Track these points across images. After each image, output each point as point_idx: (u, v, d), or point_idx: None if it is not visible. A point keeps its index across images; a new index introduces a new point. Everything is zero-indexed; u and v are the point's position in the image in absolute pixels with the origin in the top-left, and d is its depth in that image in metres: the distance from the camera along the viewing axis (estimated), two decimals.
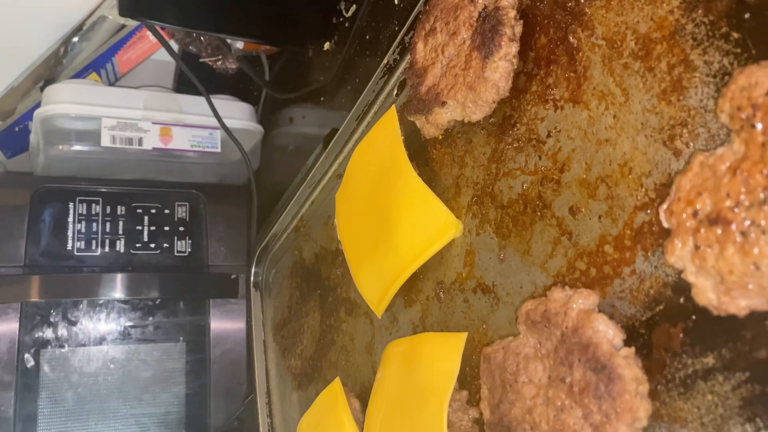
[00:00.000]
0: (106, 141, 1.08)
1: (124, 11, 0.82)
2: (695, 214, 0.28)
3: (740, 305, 0.27)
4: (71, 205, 1.07)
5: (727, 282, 0.27)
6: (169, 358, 1.09)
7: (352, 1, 0.84)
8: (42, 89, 1.10)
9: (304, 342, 0.72)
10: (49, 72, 1.21)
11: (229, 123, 1.13)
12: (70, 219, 1.06)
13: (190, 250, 1.13)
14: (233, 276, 1.04)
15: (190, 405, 1.07)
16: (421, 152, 0.54)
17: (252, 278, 0.86)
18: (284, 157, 1.23)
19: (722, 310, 0.28)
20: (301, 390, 0.71)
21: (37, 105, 1.06)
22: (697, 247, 0.28)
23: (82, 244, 1.06)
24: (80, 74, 1.18)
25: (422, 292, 0.52)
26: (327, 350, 0.67)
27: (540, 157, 0.42)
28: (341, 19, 0.87)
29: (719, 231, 0.27)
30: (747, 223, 0.26)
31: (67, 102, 1.05)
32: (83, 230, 1.07)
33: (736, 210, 0.26)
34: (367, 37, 0.77)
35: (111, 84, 1.21)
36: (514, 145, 0.44)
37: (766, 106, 0.26)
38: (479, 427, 0.43)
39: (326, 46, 0.92)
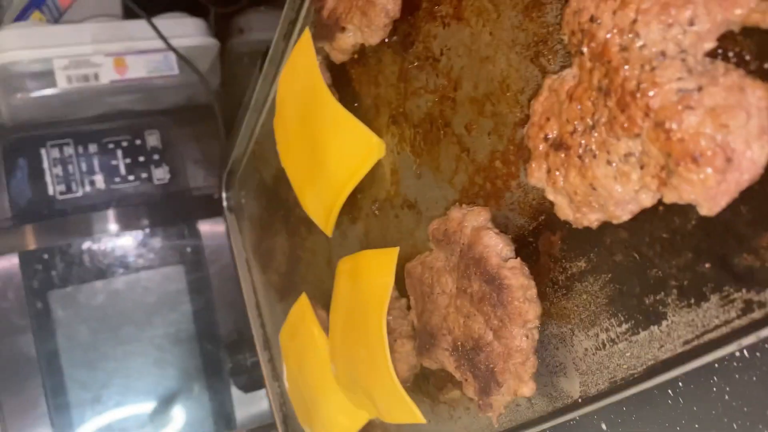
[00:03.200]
0: (62, 82, 1.07)
1: None
2: (546, 138, 0.30)
3: (591, 219, 0.29)
4: (43, 151, 1.09)
5: (575, 201, 0.29)
6: (170, 281, 1.15)
7: None
8: None
9: (278, 259, 0.76)
10: None
11: (183, 41, 1.11)
12: (45, 165, 1.08)
13: (169, 176, 1.15)
14: (216, 195, 1.06)
15: (198, 321, 1.14)
16: (342, 72, 0.54)
17: (225, 203, 0.89)
18: (244, 68, 1.22)
19: (579, 223, 0.30)
20: (284, 302, 0.76)
21: None
22: (548, 170, 0.29)
23: (63, 188, 1.09)
24: (22, 15, 1.15)
25: (362, 210, 0.55)
26: (296, 265, 0.71)
27: (437, 76, 0.42)
28: None
29: (563, 155, 0.28)
30: (582, 147, 0.27)
31: (16, 48, 1.03)
32: (60, 174, 1.09)
33: (574, 135, 0.28)
34: None
35: (56, 21, 1.17)
36: (415, 63, 0.44)
37: (591, 32, 0.26)
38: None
39: None
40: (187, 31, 1.14)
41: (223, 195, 0.88)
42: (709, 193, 0.23)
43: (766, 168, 0.23)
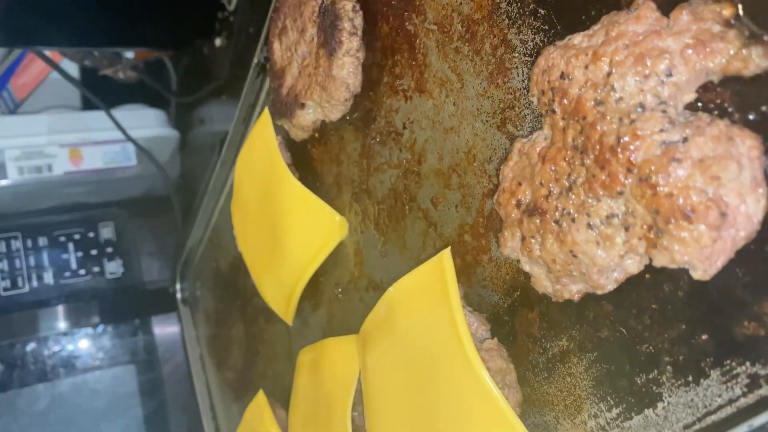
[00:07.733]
0: (13, 173, 1.04)
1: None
2: (519, 204, 0.27)
3: (572, 291, 0.26)
4: None
5: (554, 271, 0.26)
6: (120, 383, 1.07)
7: None
8: None
9: (234, 354, 0.71)
10: None
11: (142, 132, 1.10)
12: None
13: (122, 270, 1.10)
14: (171, 290, 1.01)
15: (150, 426, 1.05)
16: (302, 152, 0.53)
17: (179, 294, 0.84)
18: (204, 159, 1.20)
19: (559, 297, 0.27)
20: (240, 402, 0.71)
21: None
22: (523, 238, 0.27)
23: (8, 284, 1.03)
24: None
25: (325, 294, 0.52)
26: (254, 360, 0.66)
27: (401, 150, 0.41)
28: (226, 13, 0.84)
29: (538, 221, 0.26)
30: (559, 211, 0.25)
31: None
32: (6, 269, 1.03)
33: (549, 199, 0.26)
34: (251, 30, 0.75)
35: (12, 112, 1.15)
36: (378, 139, 0.43)
37: (562, 89, 0.25)
38: None
39: (217, 42, 0.89)
40: (146, 123, 1.13)
41: (177, 286, 0.84)
42: (704, 253, 0.21)
43: (762, 225, 0.21)
